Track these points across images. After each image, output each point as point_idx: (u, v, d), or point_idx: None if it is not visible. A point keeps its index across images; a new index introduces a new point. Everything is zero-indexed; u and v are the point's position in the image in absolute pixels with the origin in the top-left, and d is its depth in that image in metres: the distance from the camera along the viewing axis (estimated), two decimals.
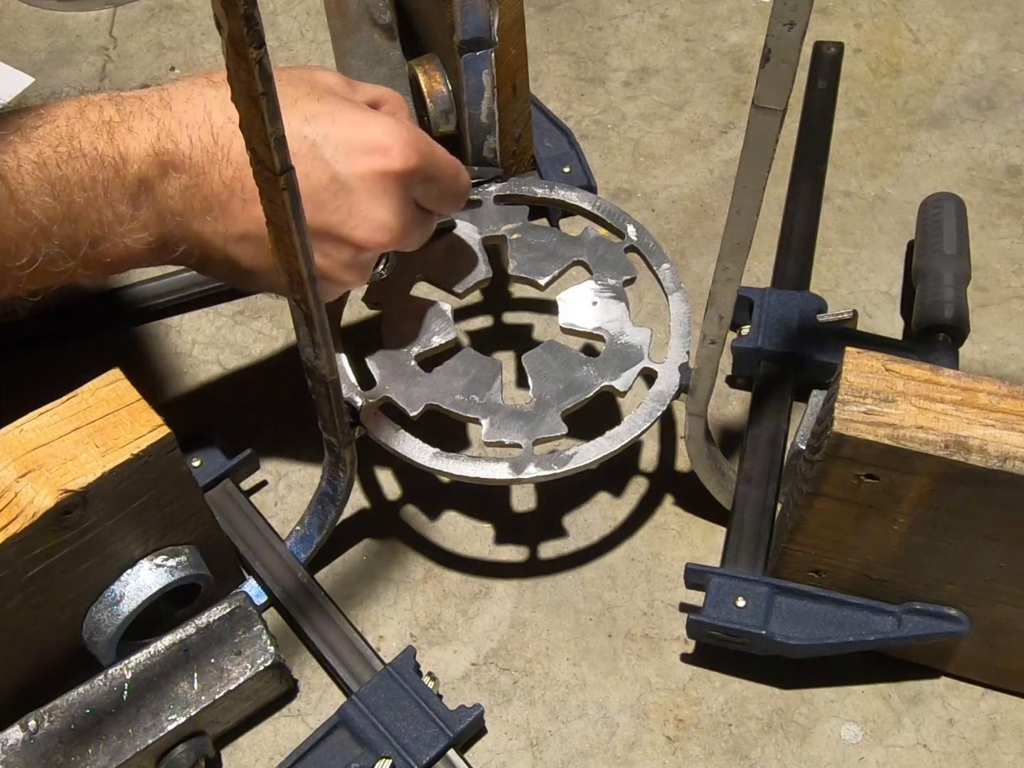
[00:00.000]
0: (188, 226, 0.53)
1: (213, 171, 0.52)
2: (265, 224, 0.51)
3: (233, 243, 0.54)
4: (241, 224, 0.53)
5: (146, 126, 0.52)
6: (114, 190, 0.51)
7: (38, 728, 0.52)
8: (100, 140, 0.51)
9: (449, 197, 0.59)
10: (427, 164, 0.55)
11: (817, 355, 0.66)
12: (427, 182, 0.56)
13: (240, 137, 0.51)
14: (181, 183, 0.52)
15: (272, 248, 0.46)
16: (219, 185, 0.52)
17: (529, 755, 0.58)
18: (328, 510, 0.61)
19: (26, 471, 0.48)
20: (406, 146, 0.54)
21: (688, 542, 0.65)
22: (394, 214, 0.54)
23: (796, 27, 0.39)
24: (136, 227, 0.52)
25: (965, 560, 0.53)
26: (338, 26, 0.69)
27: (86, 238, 0.51)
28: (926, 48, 0.91)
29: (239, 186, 0.52)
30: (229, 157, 0.52)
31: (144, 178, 0.51)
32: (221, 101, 0.53)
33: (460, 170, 0.59)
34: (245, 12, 0.36)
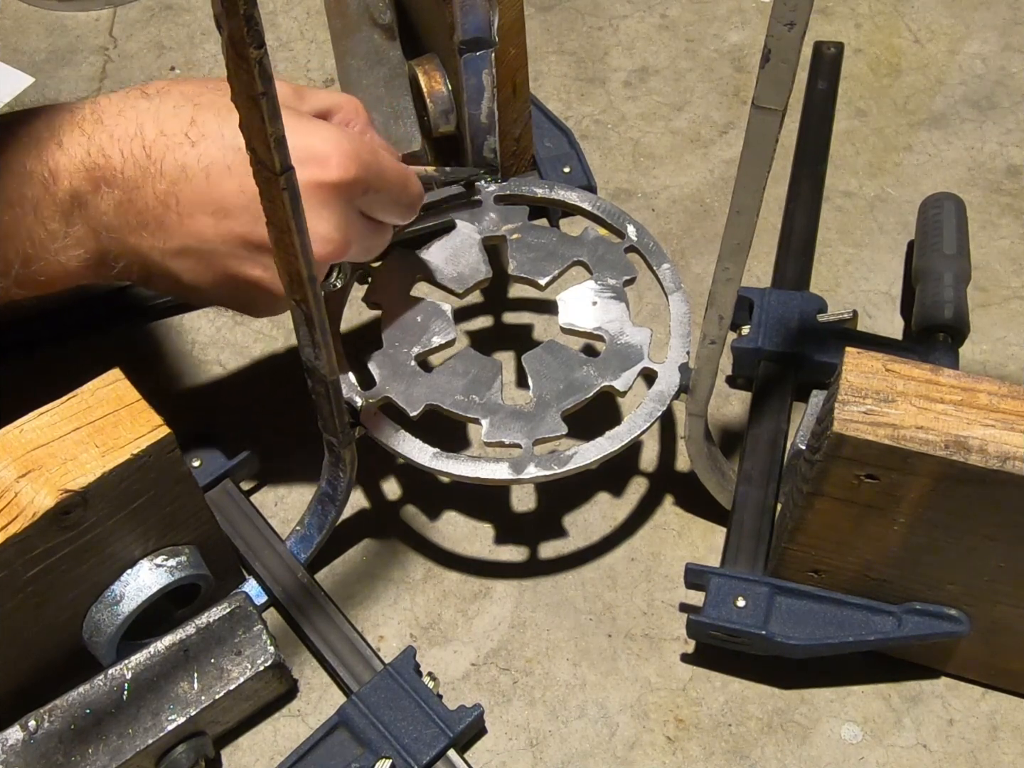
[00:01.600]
0: (124, 242, 0.52)
1: (146, 185, 0.51)
2: (205, 240, 0.52)
3: (172, 258, 0.53)
4: (178, 239, 0.52)
5: (76, 141, 0.51)
6: (44, 207, 0.50)
7: (38, 728, 0.52)
8: (30, 158, 0.50)
9: (398, 207, 0.57)
10: (369, 174, 0.54)
11: (817, 355, 0.66)
12: (372, 192, 0.54)
13: (174, 153, 0.51)
14: (114, 198, 0.51)
15: (272, 248, 0.46)
16: (153, 200, 0.51)
17: (529, 755, 0.58)
18: (328, 510, 0.61)
19: (26, 471, 0.48)
20: (344, 156, 0.52)
21: (688, 542, 0.65)
22: (334, 227, 0.53)
23: (796, 27, 0.39)
24: (70, 244, 0.51)
25: (965, 560, 0.53)
26: (338, 26, 0.69)
27: (16, 256, 0.50)
28: (926, 48, 0.91)
29: (173, 200, 0.51)
30: (162, 171, 0.51)
31: (76, 194, 0.50)
32: (153, 114, 0.52)
33: (409, 179, 0.58)
34: (245, 12, 0.36)
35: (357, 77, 0.70)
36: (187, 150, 0.51)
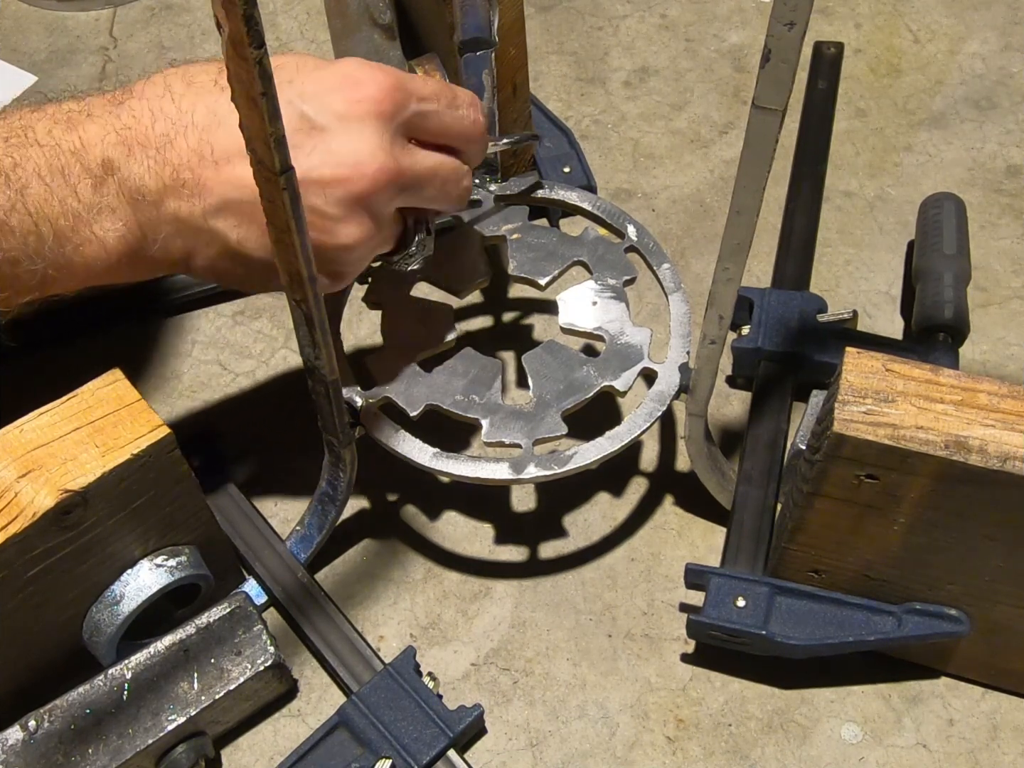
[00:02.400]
0: (162, 207, 0.50)
1: (179, 139, 0.49)
2: (244, 188, 0.48)
3: (213, 216, 0.50)
4: (217, 192, 0.50)
5: (105, 109, 0.50)
6: (76, 176, 0.48)
7: (38, 728, 0.52)
8: (57, 128, 0.49)
9: (450, 117, 0.54)
10: (407, 89, 0.52)
11: (817, 355, 0.66)
12: (416, 108, 0.52)
13: (203, 99, 0.49)
14: (148, 158, 0.49)
15: (272, 248, 0.46)
16: (187, 152, 0.49)
17: (529, 755, 0.58)
18: (328, 510, 0.61)
19: (26, 471, 0.48)
20: (380, 74, 0.51)
21: (688, 542, 0.65)
22: (377, 147, 0.50)
23: (796, 27, 0.39)
24: (105, 215, 0.49)
25: (965, 560, 0.53)
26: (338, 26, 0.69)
27: (50, 231, 0.48)
28: (926, 48, 0.91)
29: (208, 149, 0.49)
30: (193, 120, 0.49)
31: (107, 160, 0.49)
32: (181, 73, 0.51)
33: (455, 90, 0.54)
34: (245, 12, 0.36)
35: None
36: (217, 95, 0.50)
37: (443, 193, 0.55)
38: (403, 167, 0.52)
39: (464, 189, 0.57)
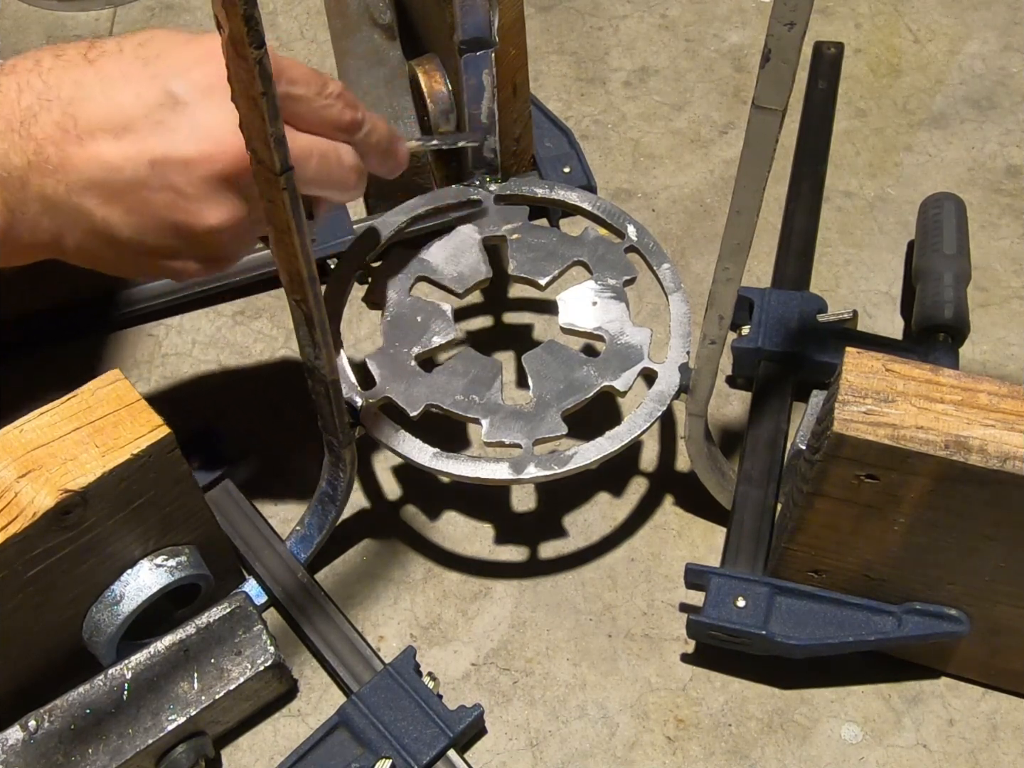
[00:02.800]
0: (28, 183, 0.48)
1: (43, 113, 0.48)
2: (107, 166, 0.48)
3: (78, 194, 0.48)
4: (81, 168, 0.48)
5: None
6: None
7: (38, 728, 0.52)
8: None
9: (318, 106, 0.52)
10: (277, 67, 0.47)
11: (817, 355, 0.66)
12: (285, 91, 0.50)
13: (70, 72, 0.48)
14: (12, 131, 0.48)
15: (272, 248, 0.46)
16: (51, 127, 0.48)
17: (529, 755, 0.58)
18: (328, 510, 0.61)
19: (26, 471, 0.48)
20: None
21: (688, 542, 0.65)
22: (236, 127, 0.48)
23: (796, 27, 0.39)
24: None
25: (965, 560, 0.53)
26: (338, 26, 0.69)
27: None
28: (926, 48, 0.91)
29: (71, 122, 0.48)
30: (60, 94, 0.48)
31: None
32: (53, 49, 0.49)
33: (325, 78, 0.53)
34: (245, 12, 0.36)
35: (357, 77, 0.70)
36: (84, 68, 0.49)
37: (322, 176, 0.53)
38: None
39: (347, 172, 0.54)
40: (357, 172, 0.55)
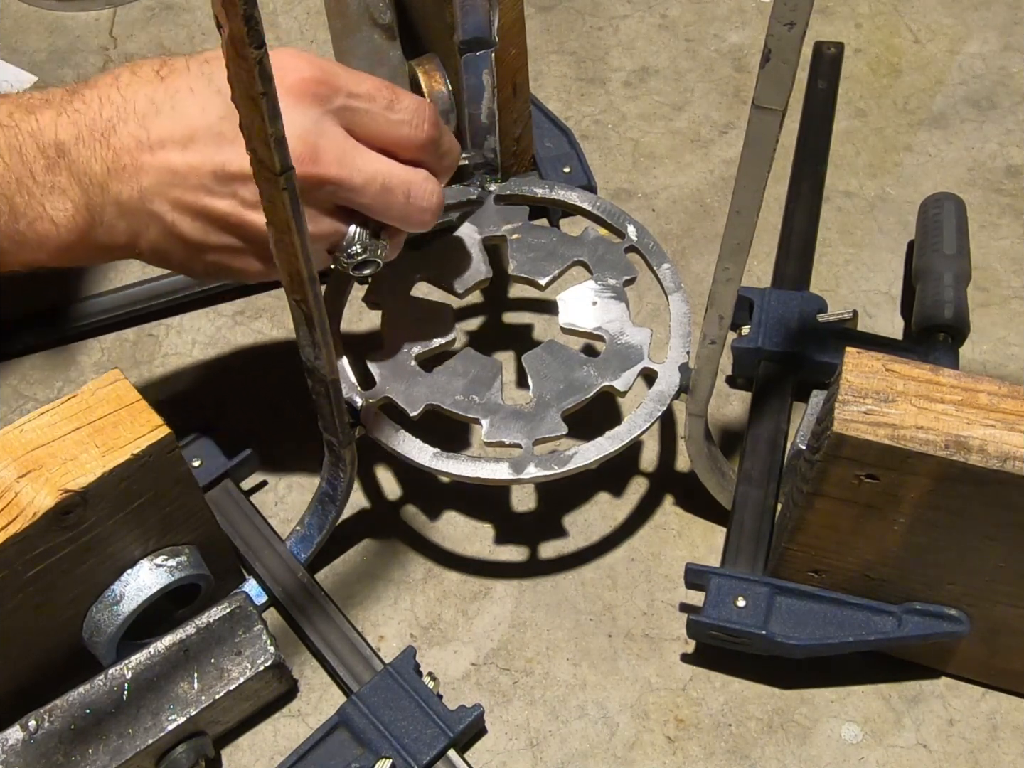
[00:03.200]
0: (106, 189, 0.52)
1: (121, 125, 0.52)
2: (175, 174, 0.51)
3: (149, 200, 0.52)
4: (151, 175, 0.52)
5: (62, 97, 0.53)
6: (31, 157, 0.51)
7: (38, 728, 0.52)
8: (18, 112, 0.52)
9: (385, 121, 0.53)
10: (333, 77, 0.52)
11: (817, 355, 0.66)
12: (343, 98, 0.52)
13: (144, 88, 0.52)
14: (94, 140, 0.52)
15: (272, 248, 0.46)
16: (127, 138, 0.52)
17: (529, 755, 0.58)
18: (328, 510, 0.61)
19: (26, 471, 0.48)
20: (304, 61, 0.52)
21: (688, 542, 0.65)
22: (298, 134, 0.50)
23: (796, 27, 0.39)
24: (56, 194, 0.52)
25: (965, 560, 0.53)
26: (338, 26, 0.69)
27: (5, 206, 0.51)
28: (926, 48, 0.91)
29: (144, 135, 0.52)
30: (135, 108, 0.52)
31: (59, 142, 0.51)
32: (129, 66, 0.53)
33: (394, 91, 0.54)
34: (245, 12, 0.36)
35: None
36: (156, 85, 0.53)
37: (383, 204, 0.54)
38: (325, 160, 0.51)
39: (413, 208, 0.55)
40: (430, 212, 0.56)
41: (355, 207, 0.54)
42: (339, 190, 0.53)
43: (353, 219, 0.55)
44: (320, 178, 0.52)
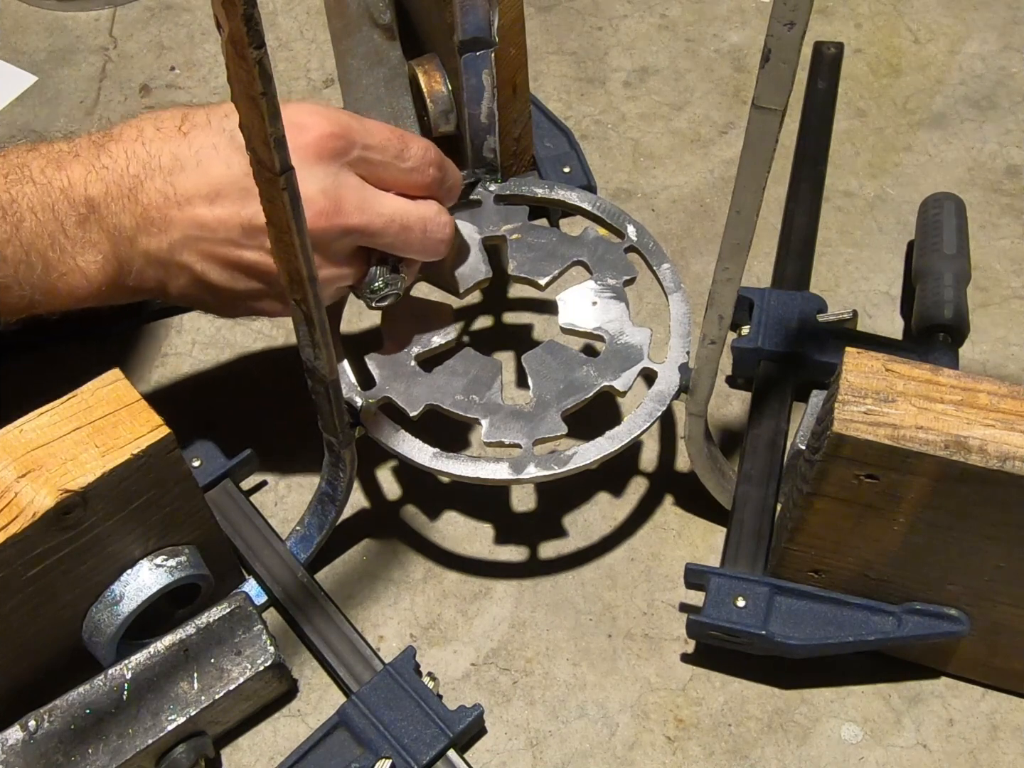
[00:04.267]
0: (136, 243, 0.54)
1: (148, 181, 0.53)
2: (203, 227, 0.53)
3: (178, 252, 0.54)
4: (179, 229, 0.54)
5: (90, 150, 0.54)
6: (63, 213, 0.53)
7: (38, 728, 0.52)
8: (49, 167, 0.53)
9: (401, 168, 0.57)
10: (349, 132, 0.54)
11: (817, 355, 0.66)
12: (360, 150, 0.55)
13: (168, 144, 0.54)
14: (123, 196, 0.53)
15: (272, 248, 0.46)
16: (155, 194, 0.53)
17: (529, 755, 0.58)
18: (328, 510, 0.61)
19: (26, 471, 0.48)
20: (322, 118, 0.54)
21: (688, 542, 0.65)
22: (320, 189, 0.53)
23: (796, 27, 0.39)
24: (88, 248, 0.53)
25: (965, 560, 0.53)
26: (338, 26, 0.69)
27: (39, 261, 0.53)
28: (926, 48, 0.91)
29: (171, 191, 0.53)
30: (160, 164, 0.54)
31: (90, 198, 0.53)
32: (152, 118, 0.55)
33: (407, 139, 0.57)
34: (245, 12, 0.36)
35: (357, 77, 0.70)
36: (180, 141, 0.54)
37: (403, 242, 0.57)
38: (347, 210, 0.54)
39: (430, 241, 0.58)
40: (445, 243, 0.60)
41: (377, 247, 0.57)
42: (362, 236, 0.56)
43: (372, 256, 0.58)
44: (344, 228, 0.55)
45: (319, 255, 0.55)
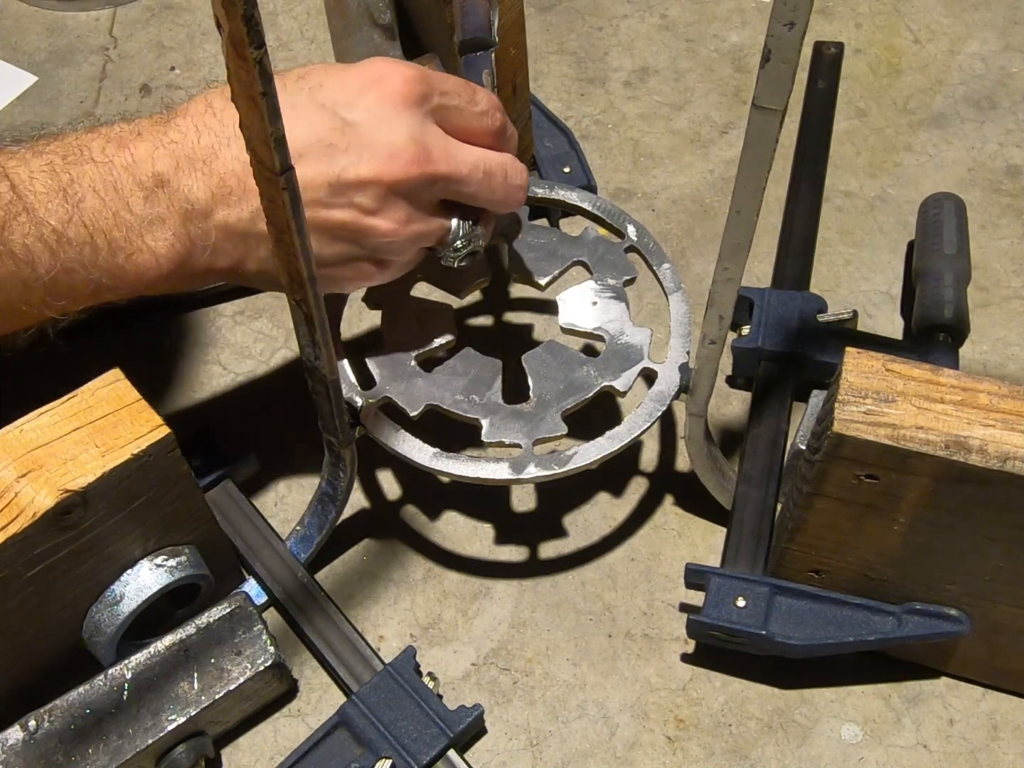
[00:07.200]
0: (212, 215, 0.52)
1: (222, 150, 0.52)
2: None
3: (260, 218, 0.52)
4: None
5: (154, 128, 0.53)
6: (128, 191, 0.51)
7: (38, 728, 0.52)
8: (110, 147, 0.52)
9: (474, 114, 0.56)
10: (427, 77, 0.54)
11: (817, 355, 0.66)
12: (439, 97, 0.55)
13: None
14: (195, 170, 0.52)
15: (272, 248, 0.46)
16: (232, 162, 0.52)
17: (529, 755, 0.58)
18: (328, 510, 0.61)
19: (26, 471, 0.48)
20: (400, 66, 0.54)
21: (688, 542, 0.65)
22: (408, 137, 0.53)
23: (796, 27, 0.39)
24: (156, 225, 0.52)
25: (965, 560, 0.53)
26: (338, 26, 0.69)
27: (104, 243, 0.51)
28: (926, 48, 0.91)
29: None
30: (235, 132, 0.51)
31: (158, 174, 0.51)
32: (220, 91, 0.54)
33: (475, 88, 0.57)
34: (245, 12, 0.36)
35: None
36: None
37: (487, 189, 0.56)
38: (436, 157, 0.54)
39: (511, 187, 0.57)
40: (523, 189, 0.59)
41: (460, 198, 0.56)
42: (449, 183, 0.55)
43: (453, 214, 0.57)
44: (434, 175, 0.54)
45: (411, 208, 0.54)
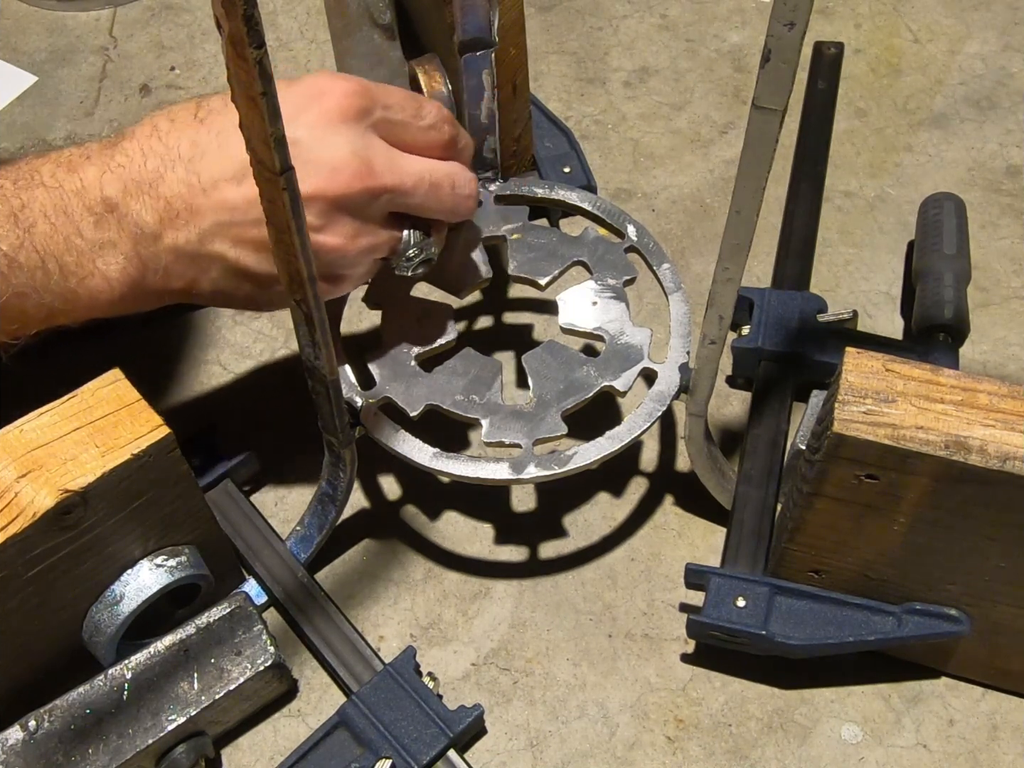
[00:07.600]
0: (161, 238, 0.53)
1: (168, 173, 0.52)
2: (234, 210, 0.52)
3: (209, 240, 0.53)
4: (209, 216, 0.52)
5: (102, 152, 0.53)
6: (78, 215, 0.52)
7: (38, 728, 0.52)
8: (60, 171, 0.52)
9: (419, 127, 0.56)
10: (369, 91, 0.54)
11: (817, 355, 0.66)
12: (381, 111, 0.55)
13: (186, 133, 0.52)
14: (143, 193, 0.52)
15: (272, 248, 0.46)
16: (177, 184, 0.52)
17: (529, 755, 0.58)
18: (328, 510, 0.61)
19: (26, 471, 0.48)
20: (341, 81, 0.54)
21: (688, 542, 0.65)
22: (350, 152, 0.52)
23: (796, 27, 0.39)
24: (107, 249, 0.52)
25: (965, 560, 0.53)
26: (338, 26, 0.69)
27: (56, 267, 0.51)
28: (926, 48, 0.91)
29: (195, 178, 0.52)
30: (179, 154, 0.52)
31: (107, 199, 0.52)
32: (165, 113, 0.54)
33: (421, 100, 0.57)
34: (245, 12, 0.36)
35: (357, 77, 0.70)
36: (197, 128, 0.53)
37: (434, 200, 0.57)
38: (379, 171, 0.54)
39: (459, 197, 0.58)
40: (472, 199, 0.59)
41: (407, 210, 0.57)
42: (395, 196, 0.55)
43: (403, 225, 0.57)
44: (378, 188, 0.54)
45: (358, 222, 0.54)
